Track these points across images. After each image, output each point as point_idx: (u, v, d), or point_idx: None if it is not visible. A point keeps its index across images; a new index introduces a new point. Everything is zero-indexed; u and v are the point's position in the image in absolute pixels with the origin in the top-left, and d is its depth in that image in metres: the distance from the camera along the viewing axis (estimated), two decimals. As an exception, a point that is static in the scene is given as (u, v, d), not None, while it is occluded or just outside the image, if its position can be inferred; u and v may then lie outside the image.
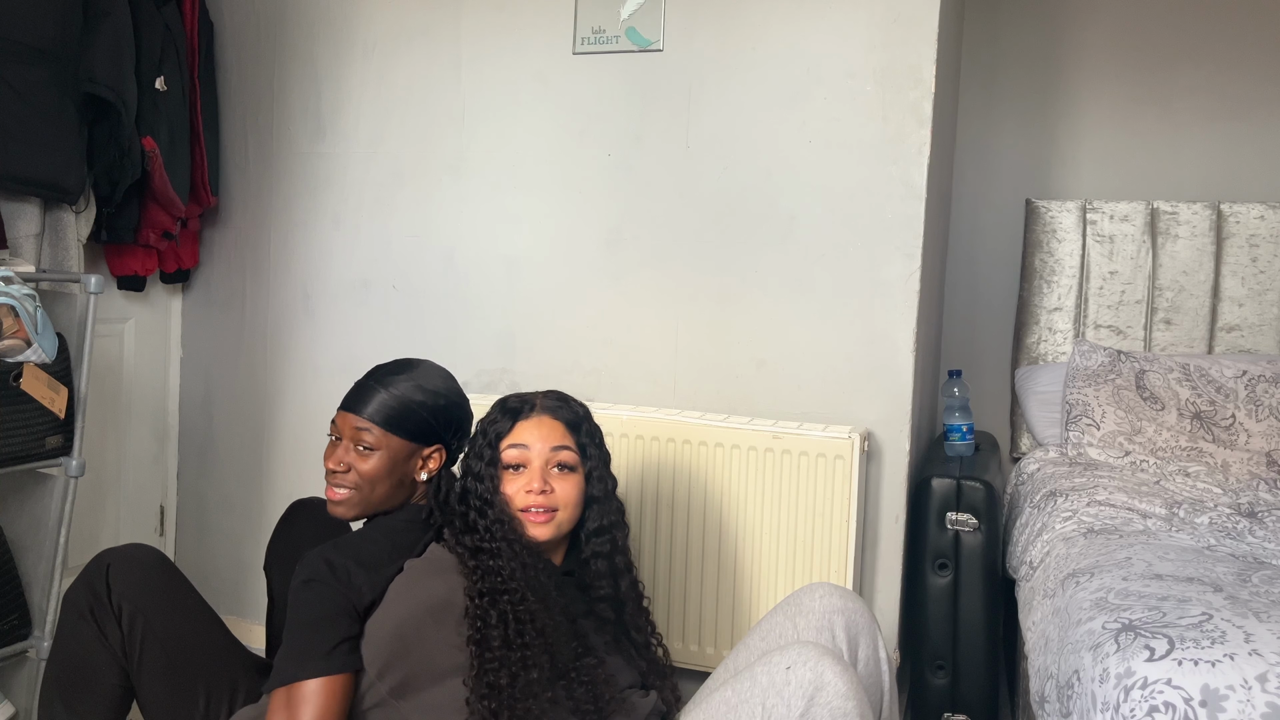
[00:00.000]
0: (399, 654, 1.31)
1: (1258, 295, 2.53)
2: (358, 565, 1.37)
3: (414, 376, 1.54)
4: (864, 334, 2.06)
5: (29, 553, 2.02)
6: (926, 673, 1.98)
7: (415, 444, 1.52)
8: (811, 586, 1.49)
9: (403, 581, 1.37)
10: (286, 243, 2.56)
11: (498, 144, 2.34)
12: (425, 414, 1.52)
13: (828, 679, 1.20)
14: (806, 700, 1.19)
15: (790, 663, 1.23)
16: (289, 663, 1.31)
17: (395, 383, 1.52)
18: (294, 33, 2.54)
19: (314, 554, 1.38)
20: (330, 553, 1.38)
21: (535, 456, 1.46)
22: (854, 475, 1.93)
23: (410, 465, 1.52)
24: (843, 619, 1.43)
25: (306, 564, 1.37)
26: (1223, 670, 1.12)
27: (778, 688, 1.21)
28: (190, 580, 1.58)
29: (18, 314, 1.72)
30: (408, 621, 1.32)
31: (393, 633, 1.32)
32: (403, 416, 1.50)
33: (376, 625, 1.34)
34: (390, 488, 1.51)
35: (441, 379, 1.58)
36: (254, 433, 2.61)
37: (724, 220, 2.16)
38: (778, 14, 2.10)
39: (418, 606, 1.34)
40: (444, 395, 1.56)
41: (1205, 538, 1.71)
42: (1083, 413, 2.34)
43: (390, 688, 1.31)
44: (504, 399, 1.52)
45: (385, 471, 1.50)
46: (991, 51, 2.83)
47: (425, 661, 1.31)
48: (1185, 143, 2.70)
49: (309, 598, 1.34)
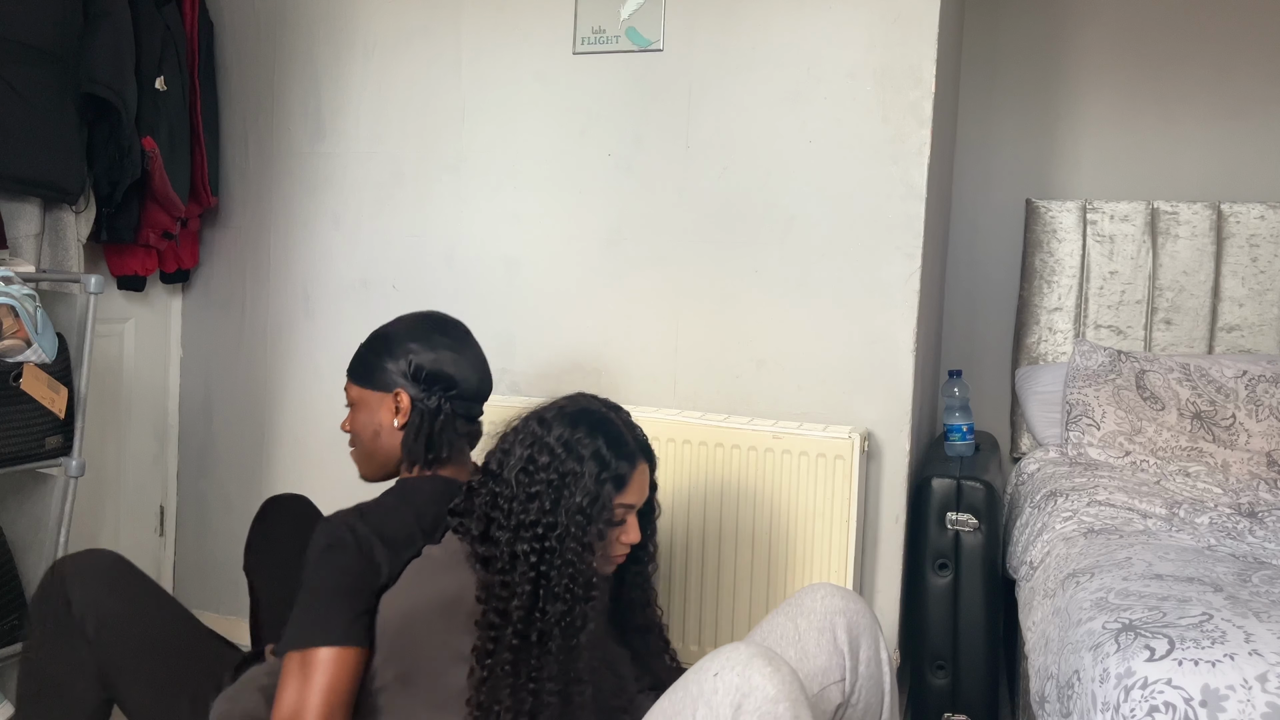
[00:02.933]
0: (406, 646, 1.29)
1: (1258, 295, 2.53)
2: (381, 541, 1.33)
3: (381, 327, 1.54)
4: (864, 334, 2.06)
5: (29, 553, 2.02)
6: (926, 673, 1.98)
7: (378, 391, 1.49)
8: (813, 587, 1.47)
9: (417, 571, 1.34)
10: (286, 243, 2.56)
11: (498, 144, 2.34)
12: (369, 353, 1.50)
13: (755, 683, 1.13)
14: (733, 708, 1.12)
15: (718, 669, 1.16)
16: (306, 627, 1.28)
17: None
18: (294, 33, 2.54)
19: (339, 519, 1.34)
20: (356, 521, 1.33)
21: (635, 509, 1.37)
22: (854, 475, 1.93)
23: (384, 417, 1.48)
24: (844, 620, 1.42)
25: (332, 528, 1.32)
26: (1223, 670, 1.12)
27: (706, 696, 1.15)
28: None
29: (18, 314, 1.72)
30: (416, 614, 1.30)
31: (401, 623, 1.30)
32: (360, 365, 1.51)
33: (387, 610, 1.30)
34: (384, 444, 1.49)
35: (398, 319, 1.54)
36: (254, 433, 2.61)
37: (724, 220, 2.16)
38: (778, 14, 2.10)
39: (428, 602, 1.31)
40: (386, 331, 1.52)
41: (1205, 538, 1.71)
42: (1083, 413, 2.34)
43: (396, 674, 1.30)
44: (603, 457, 1.32)
45: (361, 424, 1.51)
46: (991, 51, 2.83)
47: (431, 656, 1.30)
48: (1185, 143, 2.70)
49: (331, 565, 1.30)
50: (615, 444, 1.33)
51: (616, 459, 1.32)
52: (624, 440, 1.35)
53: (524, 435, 1.35)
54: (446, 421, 1.48)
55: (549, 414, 1.36)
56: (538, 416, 1.37)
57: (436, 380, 1.48)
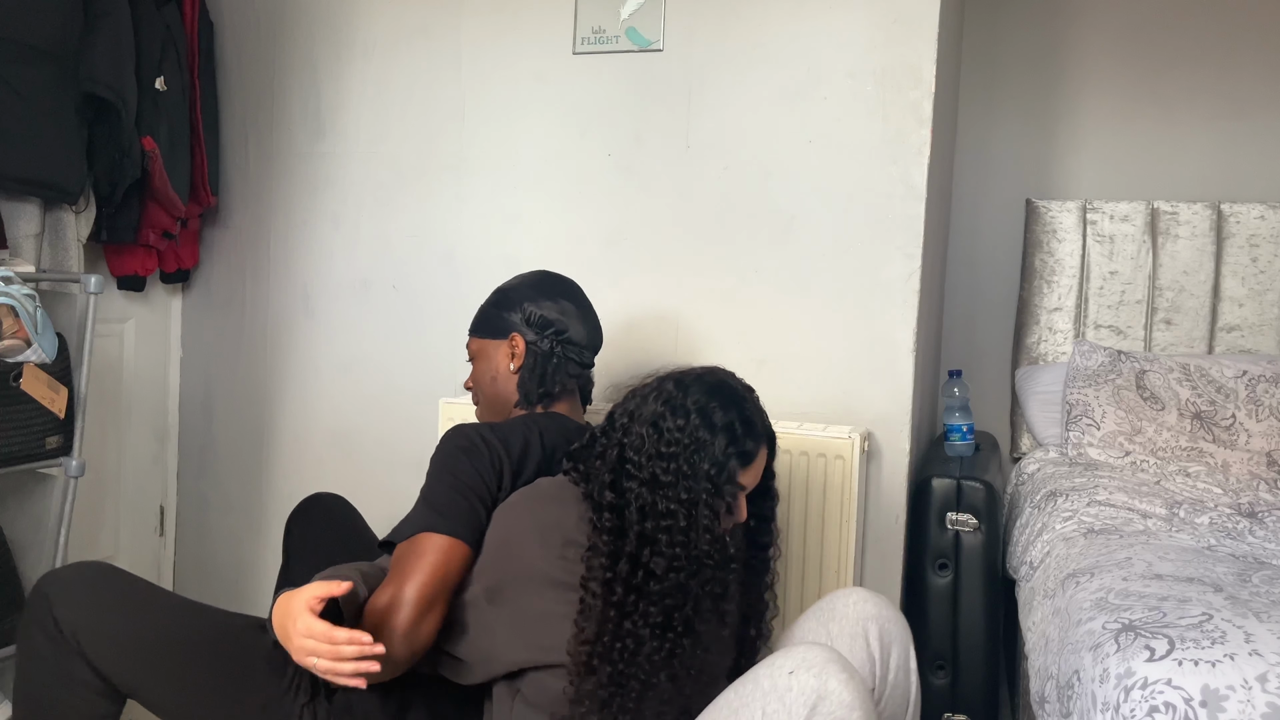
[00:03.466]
0: (501, 560, 1.32)
1: (1258, 295, 2.52)
2: (507, 455, 1.41)
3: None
4: (864, 334, 2.06)
5: (29, 553, 2.02)
6: (926, 673, 1.98)
7: (493, 339, 1.63)
8: (846, 592, 1.46)
9: (525, 496, 1.37)
10: (286, 243, 2.56)
11: (498, 144, 2.33)
12: (489, 306, 1.65)
13: (831, 687, 1.14)
14: (808, 709, 1.13)
15: (794, 666, 1.17)
16: (429, 512, 1.33)
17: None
18: (294, 33, 2.54)
19: (471, 427, 1.42)
20: (488, 433, 1.42)
21: (747, 490, 1.39)
22: (854, 475, 1.93)
23: (501, 362, 1.61)
24: (876, 626, 1.40)
25: (466, 433, 1.40)
26: (1223, 670, 1.12)
27: (779, 692, 1.16)
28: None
29: (18, 314, 1.72)
30: (515, 533, 1.33)
31: (500, 539, 1.33)
32: (479, 318, 1.67)
33: (490, 530, 1.35)
34: (500, 389, 1.61)
35: (516, 277, 1.70)
36: (254, 433, 2.61)
37: (724, 220, 2.15)
38: (778, 14, 2.10)
39: (528, 522, 1.34)
40: (504, 287, 1.67)
41: (1205, 538, 1.71)
42: (1083, 413, 2.34)
43: (484, 588, 1.31)
44: (735, 432, 1.34)
45: (480, 372, 1.64)
46: (991, 51, 2.83)
47: (523, 573, 1.31)
48: (1185, 143, 2.69)
49: (463, 464, 1.37)
50: (747, 423, 1.35)
51: (746, 436, 1.34)
52: (754, 421, 1.37)
53: (659, 393, 1.37)
54: (559, 363, 1.61)
55: (688, 378, 1.38)
56: (675, 378, 1.38)
57: (549, 325, 1.61)
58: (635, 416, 1.36)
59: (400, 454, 2.41)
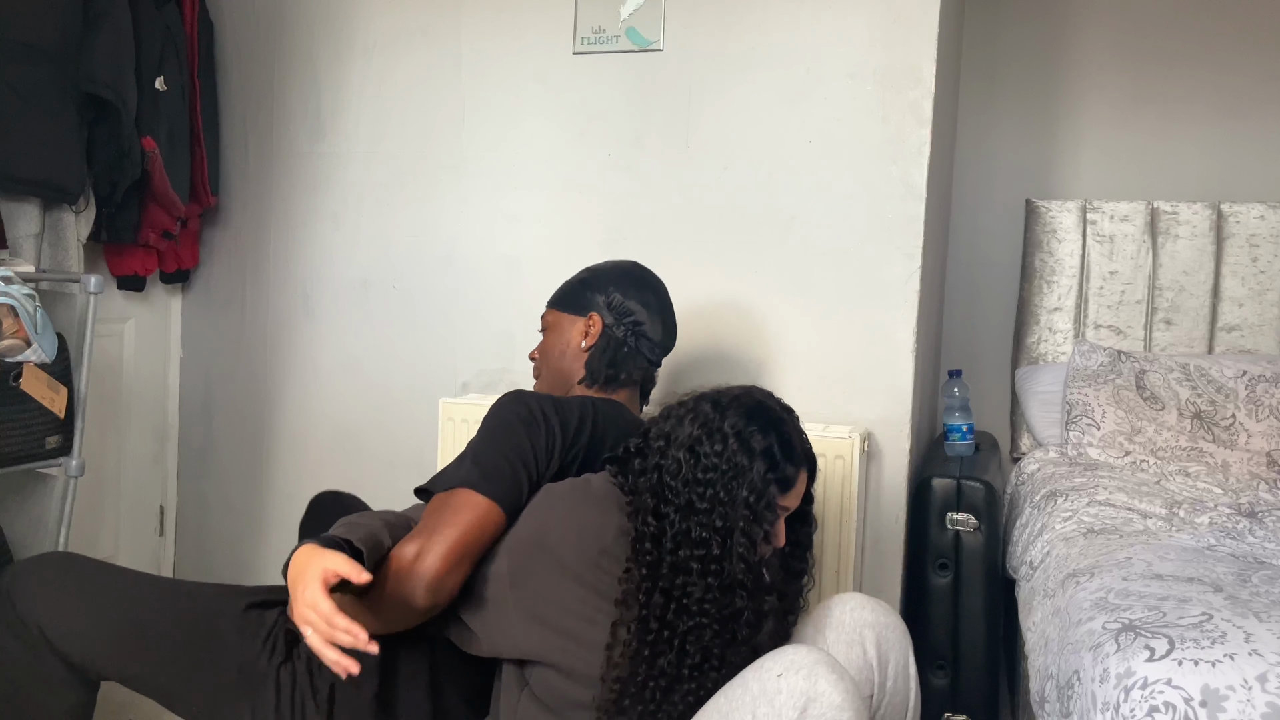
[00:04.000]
0: (534, 546, 1.30)
1: (1258, 295, 2.52)
2: (562, 432, 1.39)
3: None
4: (864, 334, 2.06)
5: (29, 553, 2.02)
6: (926, 673, 1.98)
7: (571, 314, 1.62)
8: (843, 598, 1.43)
9: (570, 490, 1.34)
10: (286, 243, 2.56)
11: (498, 144, 2.33)
12: (575, 282, 1.65)
13: (821, 689, 1.12)
14: (798, 711, 1.12)
15: (783, 669, 1.16)
16: (466, 470, 1.31)
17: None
18: (294, 33, 2.54)
19: (533, 396, 1.41)
20: (549, 406, 1.40)
21: (788, 513, 1.37)
22: (854, 475, 1.93)
23: (574, 338, 1.61)
24: (873, 633, 1.38)
25: (527, 401, 1.38)
26: (1223, 670, 1.12)
27: (769, 695, 1.15)
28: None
29: (18, 314, 1.72)
30: (552, 529, 1.30)
31: (537, 527, 1.31)
32: (561, 292, 1.67)
33: (530, 512, 1.32)
34: (567, 365, 1.61)
35: (606, 262, 1.70)
36: (254, 433, 2.61)
37: (724, 220, 2.15)
38: (778, 14, 2.10)
39: (569, 521, 1.31)
40: (595, 268, 1.67)
41: (1205, 538, 1.71)
42: (1083, 413, 2.34)
43: (509, 568, 1.29)
44: (774, 457, 1.31)
45: (550, 344, 1.64)
46: (991, 51, 2.83)
47: (554, 564, 1.29)
48: (1185, 143, 2.69)
49: (520, 434, 1.34)
50: (786, 446, 1.32)
51: (785, 461, 1.31)
52: (793, 445, 1.34)
53: (696, 415, 1.34)
54: (630, 353, 1.61)
55: (724, 399, 1.35)
56: (712, 399, 1.36)
57: (629, 314, 1.61)
58: (672, 440, 1.33)
59: (400, 454, 2.41)
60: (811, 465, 1.39)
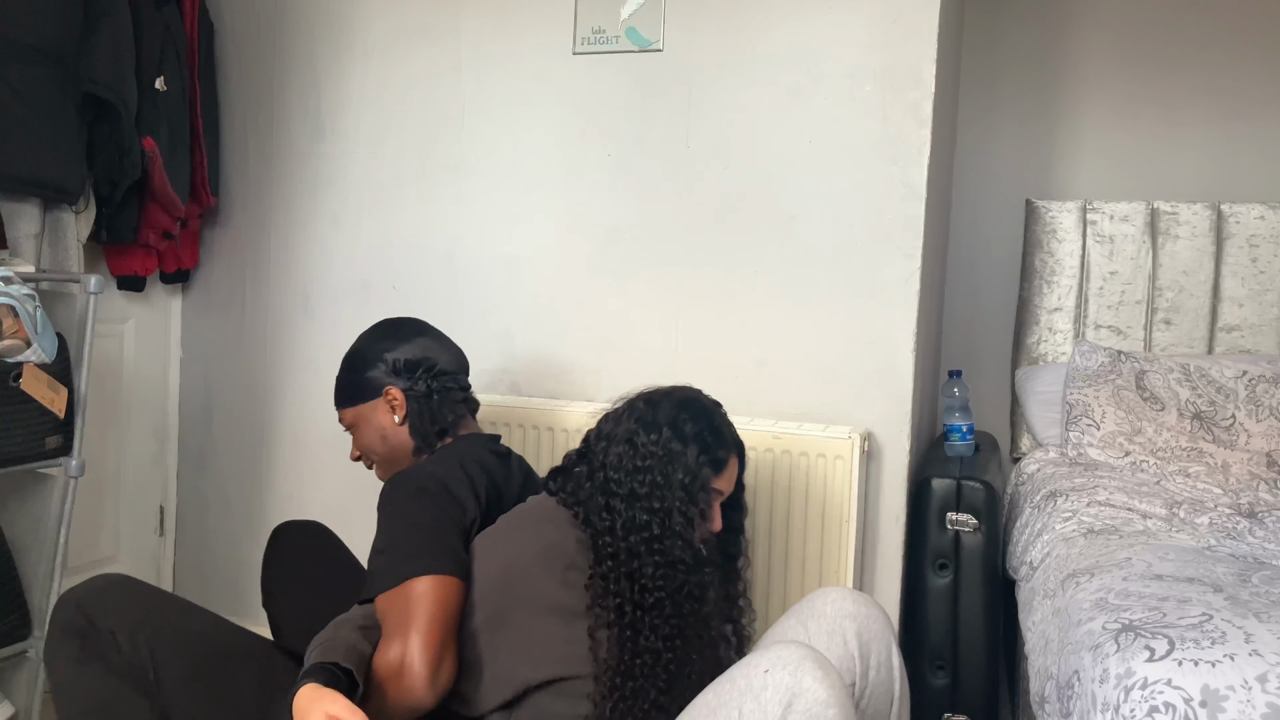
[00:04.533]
0: (502, 588, 1.33)
1: (1258, 295, 2.52)
2: (454, 479, 1.42)
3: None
4: (864, 334, 2.06)
5: (29, 553, 2.02)
6: (926, 673, 1.98)
7: (367, 402, 1.60)
8: (825, 591, 1.47)
9: (516, 524, 1.40)
10: (286, 243, 2.56)
11: (498, 144, 2.33)
12: (348, 373, 1.62)
13: (807, 684, 1.14)
14: (783, 706, 1.13)
15: (769, 665, 1.17)
16: (401, 561, 1.30)
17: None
18: (294, 33, 2.54)
19: (405, 473, 1.43)
20: (424, 468, 1.43)
21: (722, 497, 1.45)
22: (854, 475, 1.93)
23: (384, 420, 1.58)
24: (854, 625, 1.41)
25: (403, 480, 1.41)
26: (1223, 670, 1.12)
27: (755, 691, 1.16)
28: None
29: (18, 314, 1.72)
30: (517, 560, 1.35)
31: (500, 567, 1.34)
32: (343, 389, 1.64)
33: (483, 555, 1.36)
34: (394, 444, 1.58)
35: (359, 336, 1.66)
36: (254, 433, 2.61)
37: (724, 220, 2.15)
38: (778, 14, 2.10)
39: (529, 547, 1.36)
40: (351, 350, 1.64)
41: (1205, 538, 1.71)
42: (1083, 413, 2.34)
43: (485, 617, 1.32)
44: (706, 441, 1.41)
45: (366, 438, 1.61)
46: (991, 51, 2.83)
47: (526, 598, 1.33)
48: (1185, 143, 2.69)
49: (421, 505, 1.37)
50: (716, 432, 1.42)
51: (716, 445, 1.41)
52: (724, 432, 1.44)
53: (631, 411, 1.44)
54: (441, 397, 1.58)
55: (657, 396, 1.46)
56: (645, 397, 1.46)
57: (417, 366, 1.58)
58: (611, 437, 1.42)
59: (400, 454, 2.41)
60: (741, 453, 1.48)
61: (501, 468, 1.56)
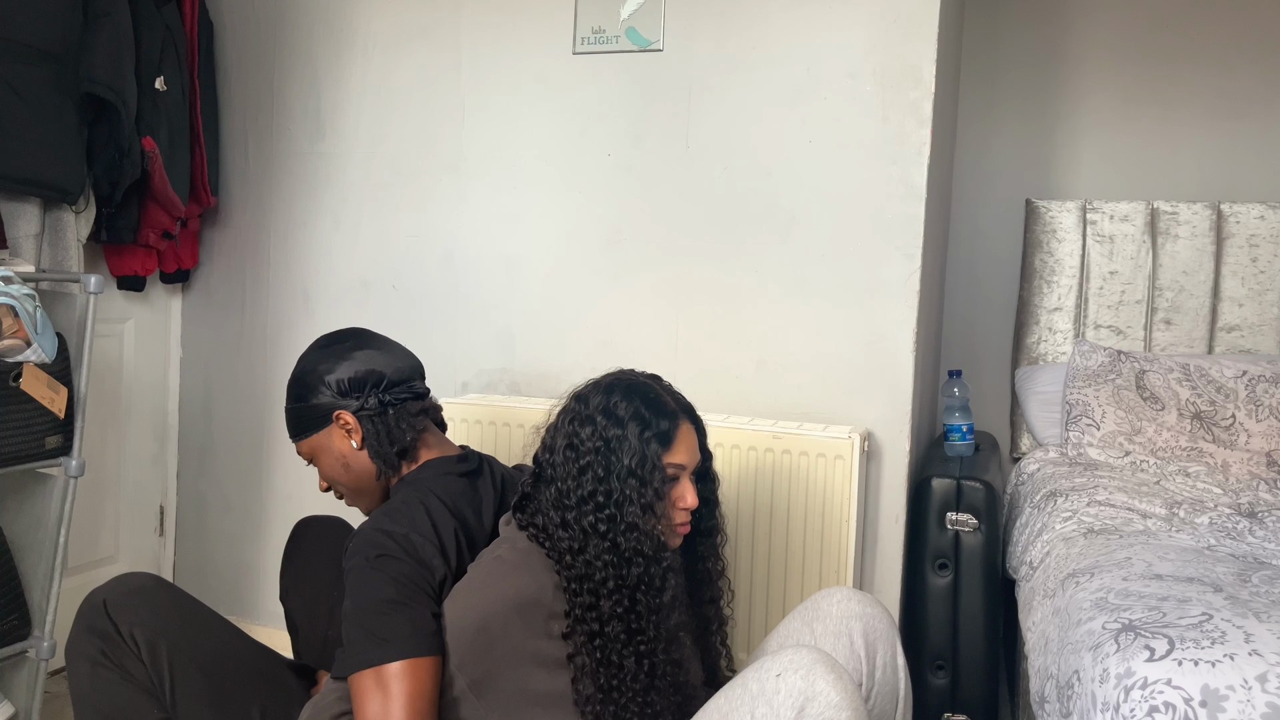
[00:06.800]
0: (481, 648, 1.26)
1: (1258, 295, 2.52)
2: (419, 535, 1.31)
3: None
4: (864, 334, 2.06)
5: (29, 553, 2.01)
6: (926, 673, 1.98)
7: (320, 430, 1.47)
8: (830, 591, 1.45)
9: (489, 572, 1.30)
10: (286, 243, 2.56)
11: (498, 144, 2.34)
12: (295, 406, 1.49)
13: (819, 688, 1.13)
14: (796, 710, 1.12)
15: (781, 669, 1.16)
16: (370, 645, 1.22)
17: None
18: (294, 33, 2.54)
19: (367, 530, 1.31)
20: (385, 523, 1.31)
21: (686, 471, 1.35)
22: (854, 475, 1.93)
23: (342, 446, 1.47)
24: (860, 625, 1.40)
25: (365, 541, 1.29)
26: (1223, 670, 1.12)
27: (767, 696, 1.15)
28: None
29: (17, 314, 1.72)
30: (493, 616, 1.26)
31: (476, 626, 1.26)
32: (294, 421, 1.50)
33: (458, 616, 1.27)
34: (357, 471, 1.47)
35: (297, 361, 1.53)
36: (254, 433, 2.61)
37: (724, 220, 2.15)
38: (778, 14, 2.10)
39: (504, 602, 1.27)
40: (292, 380, 1.51)
41: (1205, 538, 1.71)
42: (1083, 413, 2.34)
43: (470, 681, 1.26)
44: (643, 416, 1.32)
45: (328, 468, 1.49)
46: (991, 51, 2.83)
47: (510, 657, 1.26)
48: (1185, 143, 2.69)
49: (381, 576, 1.26)
50: (653, 404, 1.32)
51: (656, 417, 1.31)
52: (662, 400, 1.34)
53: (565, 413, 1.36)
54: (397, 412, 1.47)
55: (585, 389, 1.37)
56: (574, 394, 1.37)
57: (363, 383, 1.46)
58: (553, 448, 1.34)
59: (400, 454, 2.41)
60: (692, 416, 1.38)
61: (471, 496, 1.45)
